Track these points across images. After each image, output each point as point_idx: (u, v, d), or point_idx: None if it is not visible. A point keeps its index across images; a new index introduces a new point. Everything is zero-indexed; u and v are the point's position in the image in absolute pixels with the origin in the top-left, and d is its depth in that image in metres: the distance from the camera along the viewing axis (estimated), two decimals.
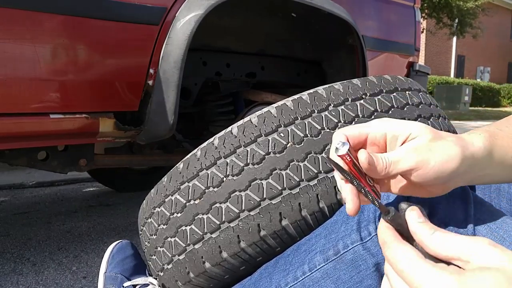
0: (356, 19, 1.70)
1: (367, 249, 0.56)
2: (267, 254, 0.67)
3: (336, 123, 0.66)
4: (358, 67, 1.76)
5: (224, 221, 0.64)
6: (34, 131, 1.12)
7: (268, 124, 0.66)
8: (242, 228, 0.63)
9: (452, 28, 11.67)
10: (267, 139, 0.65)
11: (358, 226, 0.57)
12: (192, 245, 0.67)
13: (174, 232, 0.70)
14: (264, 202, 0.63)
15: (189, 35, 1.25)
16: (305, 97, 0.69)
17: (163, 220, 0.73)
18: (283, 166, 0.63)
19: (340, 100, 0.69)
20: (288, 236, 0.65)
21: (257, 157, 0.64)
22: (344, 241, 0.57)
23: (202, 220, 0.66)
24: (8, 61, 1.03)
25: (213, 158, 0.67)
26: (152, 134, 1.32)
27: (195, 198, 0.67)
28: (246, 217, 0.63)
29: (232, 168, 0.64)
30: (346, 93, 0.70)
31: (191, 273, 0.69)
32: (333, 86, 0.71)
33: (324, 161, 0.64)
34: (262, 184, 0.63)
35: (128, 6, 1.18)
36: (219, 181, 0.65)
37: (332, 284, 0.58)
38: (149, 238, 0.77)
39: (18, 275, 1.33)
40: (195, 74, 1.65)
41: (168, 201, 0.72)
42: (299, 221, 0.63)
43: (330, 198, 0.64)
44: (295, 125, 0.66)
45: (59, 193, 2.46)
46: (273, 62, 1.90)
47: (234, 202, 0.63)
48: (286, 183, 0.62)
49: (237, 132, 0.67)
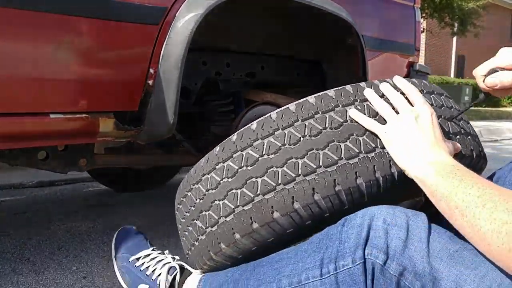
0: (356, 19, 1.70)
1: (324, 285, 0.64)
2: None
3: (376, 113, 0.73)
4: (358, 67, 1.76)
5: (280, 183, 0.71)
6: (34, 131, 1.12)
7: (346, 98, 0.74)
8: (318, 182, 0.69)
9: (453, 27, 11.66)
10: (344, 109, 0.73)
11: (321, 262, 0.65)
12: (241, 207, 0.73)
13: (242, 183, 0.74)
14: (342, 161, 0.70)
15: (189, 35, 1.25)
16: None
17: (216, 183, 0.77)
18: (360, 133, 0.71)
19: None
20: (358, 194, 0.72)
21: (336, 123, 0.72)
22: (306, 273, 0.66)
23: (276, 173, 0.72)
24: (8, 61, 1.03)
25: (291, 121, 0.74)
26: (152, 134, 1.32)
27: (269, 153, 0.73)
28: (323, 172, 0.70)
29: (311, 130, 0.72)
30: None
31: (237, 234, 0.74)
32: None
33: None
34: (341, 146, 0.70)
35: (128, 6, 1.18)
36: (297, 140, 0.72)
37: None
38: (195, 203, 0.82)
39: (18, 275, 1.33)
40: (195, 74, 1.64)
41: (239, 156, 0.76)
42: (372, 181, 0.70)
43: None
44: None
45: (59, 193, 2.46)
46: (273, 62, 1.90)
47: (312, 159, 0.70)
48: (363, 147, 0.70)
49: (315, 100, 0.75)
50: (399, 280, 0.59)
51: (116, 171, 2.30)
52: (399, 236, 0.60)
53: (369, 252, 0.61)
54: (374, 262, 0.60)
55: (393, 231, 0.61)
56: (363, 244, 0.61)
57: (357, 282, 0.61)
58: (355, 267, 0.61)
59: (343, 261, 0.62)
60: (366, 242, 0.61)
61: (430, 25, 13.46)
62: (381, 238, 0.61)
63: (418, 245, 0.59)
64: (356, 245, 0.62)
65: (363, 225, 0.63)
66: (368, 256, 0.61)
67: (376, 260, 0.60)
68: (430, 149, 0.65)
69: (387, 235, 0.61)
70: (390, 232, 0.61)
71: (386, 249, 0.60)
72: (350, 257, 0.62)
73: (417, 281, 0.58)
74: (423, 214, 0.64)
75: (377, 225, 0.62)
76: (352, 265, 0.62)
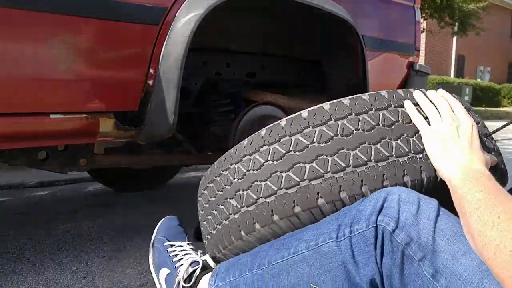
0: (356, 19, 1.70)
1: (339, 247, 0.69)
2: None
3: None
4: (358, 67, 1.76)
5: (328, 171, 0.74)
6: (34, 131, 1.12)
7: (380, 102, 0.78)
8: (368, 175, 0.73)
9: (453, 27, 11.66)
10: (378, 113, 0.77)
11: (338, 227, 0.70)
12: (264, 198, 0.76)
13: (288, 167, 0.75)
14: (392, 157, 0.73)
15: (189, 35, 1.25)
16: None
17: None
18: (411, 134, 0.75)
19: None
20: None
21: (368, 125, 0.75)
22: (324, 236, 0.71)
23: (326, 161, 0.74)
24: (8, 61, 1.03)
25: (324, 119, 0.77)
26: (152, 134, 1.32)
27: (321, 141, 0.75)
28: (374, 166, 0.73)
29: (343, 130, 0.75)
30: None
31: (257, 224, 0.77)
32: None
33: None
34: (392, 143, 0.74)
35: (128, 6, 1.18)
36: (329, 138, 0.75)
37: (307, 268, 0.72)
38: (217, 192, 0.86)
39: (18, 275, 1.33)
40: (195, 74, 1.65)
41: (287, 140, 0.77)
42: (417, 180, 0.74)
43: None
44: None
45: (59, 193, 2.46)
46: (273, 62, 1.90)
47: (364, 152, 0.73)
48: (413, 147, 0.74)
49: (349, 102, 0.78)
50: (404, 249, 0.65)
51: (116, 171, 2.30)
52: (410, 210, 0.67)
53: (381, 220, 0.67)
54: (385, 228, 0.67)
55: (405, 206, 0.67)
56: (377, 212, 0.68)
57: (368, 245, 0.68)
58: (367, 230, 0.68)
59: (357, 226, 0.69)
60: (380, 211, 0.68)
61: (430, 25, 13.46)
62: (394, 209, 0.67)
63: (426, 221, 0.66)
64: (371, 213, 0.68)
65: (380, 198, 0.69)
66: (380, 223, 0.67)
67: (386, 227, 0.67)
68: (465, 155, 0.71)
69: (399, 207, 0.67)
70: (403, 206, 0.67)
71: (397, 219, 0.66)
72: (364, 222, 0.68)
73: (419, 251, 0.65)
74: (435, 200, 0.69)
75: (392, 198, 0.68)
76: (365, 229, 0.68)
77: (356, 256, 0.68)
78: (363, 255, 0.68)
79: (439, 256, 0.63)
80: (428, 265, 0.64)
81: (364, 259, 0.68)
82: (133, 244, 1.62)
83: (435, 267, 0.63)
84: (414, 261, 0.65)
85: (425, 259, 0.64)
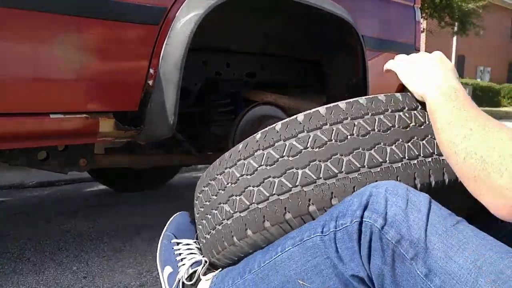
0: (356, 18, 1.70)
1: (323, 241, 0.68)
2: None
3: (423, 123, 0.77)
4: (358, 67, 1.76)
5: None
6: (34, 131, 1.13)
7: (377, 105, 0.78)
8: (360, 182, 0.72)
9: (453, 27, 11.67)
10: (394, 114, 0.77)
11: (324, 222, 0.69)
12: (256, 204, 0.76)
13: (259, 181, 0.76)
14: (386, 164, 0.73)
15: (189, 35, 1.25)
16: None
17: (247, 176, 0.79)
18: (421, 137, 0.75)
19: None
20: None
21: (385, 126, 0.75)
22: (309, 231, 0.70)
23: (318, 166, 0.74)
24: (8, 61, 1.03)
25: (318, 124, 0.76)
26: (152, 134, 1.32)
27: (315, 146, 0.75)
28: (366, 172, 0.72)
29: (337, 135, 0.74)
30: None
31: (249, 230, 0.77)
32: None
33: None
34: (386, 149, 0.73)
35: (128, 6, 1.18)
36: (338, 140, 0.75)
37: (293, 264, 0.71)
38: (211, 197, 0.85)
39: (18, 275, 1.33)
40: (195, 74, 1.65)
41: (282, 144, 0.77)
42: (426, 183, 0.73)
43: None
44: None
45: (59, 193, 2.46)
46: (273, 62, 1.90)
47: (335, 163, 0.73)
48: (423, 151, 0.74)
49: (346, 106, 0.77)
50: (395, 247, 0.63)
51: (116, 171, 2.30)
52: (398, 204, 0.64)
53: (368, 215, 0.65)
54: (372, 225, 0.64)
55: (393, 199, 0.65)
56: (364, 207, 0.65)
57: (352, 240, 0.65)
58: (351, 225, 0.66)
59: (342, 220, 0.67)
60: (366, 206, 0.65)
61: (430, 25, 13.46)
62: (380, 204, 0.65)
63: (417, 216, 0.63)
64: (357, 208, 0.66)
65: (366, 192, 0.67)
66: (367, 219, 0.65)
67: (374, 224, 0.64)
68: (438, 73, 0.75)
69: (386, 202, 0.65)
70: (390, 200, 0.65)
71: (384, 215, 0.64)
72: (349, 217, 0.66)
73: (411, 249, 0.62)
74: (425, 193, 0.67)
75: (378, 192, 0.66)
76: (349, 224, 0.66)
77: (340, 252, 0.67)
78: (347, 251, 0.66)
79: (432, 254, 0.61)
80: (421, 264, 0.61)
81: (348, 254, 0.66)
82: (133, 244, 1.62)
83: (428, 266, 0.61)
84: (406, 260, 0.62)
85: (418, 258, 0.62)
